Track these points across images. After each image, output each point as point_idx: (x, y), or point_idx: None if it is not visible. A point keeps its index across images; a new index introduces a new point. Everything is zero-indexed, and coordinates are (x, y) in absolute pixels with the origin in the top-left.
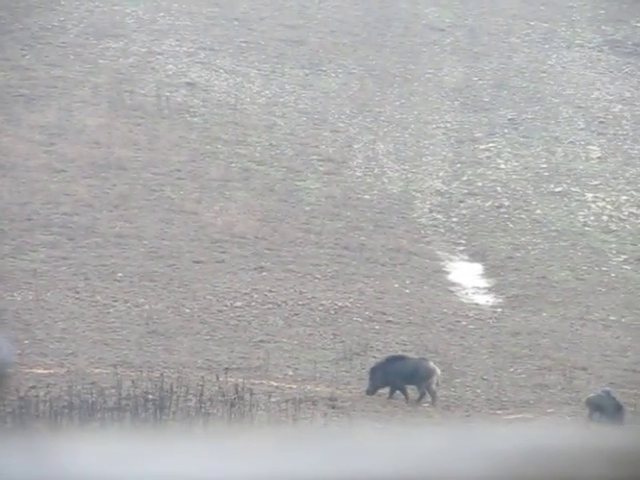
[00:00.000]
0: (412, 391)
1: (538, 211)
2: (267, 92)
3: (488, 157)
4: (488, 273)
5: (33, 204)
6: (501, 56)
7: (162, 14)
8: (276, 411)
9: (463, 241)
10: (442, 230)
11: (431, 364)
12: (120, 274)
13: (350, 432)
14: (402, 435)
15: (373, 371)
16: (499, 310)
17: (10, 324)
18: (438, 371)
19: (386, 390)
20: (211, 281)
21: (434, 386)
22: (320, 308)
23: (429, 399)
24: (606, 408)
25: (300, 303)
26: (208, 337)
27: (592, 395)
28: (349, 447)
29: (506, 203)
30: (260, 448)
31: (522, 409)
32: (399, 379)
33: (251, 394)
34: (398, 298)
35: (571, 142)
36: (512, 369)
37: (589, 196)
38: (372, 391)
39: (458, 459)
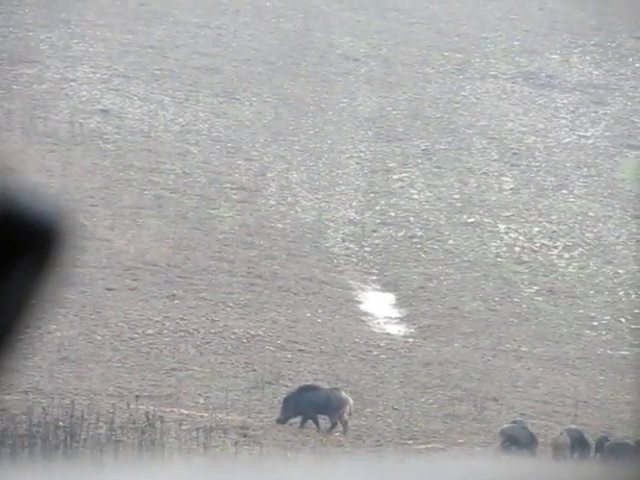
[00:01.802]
0: (323, 421)
1: (450, 241)
2: (181, 120)
3: (401, 187)
4: (400, 303)
5: None
6: (415, 86)
7: (76, 41)
8: (187, 439)
9: (375, 271)
10: (355, 260)
11: (343, 394)
12: (32, 301)
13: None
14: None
15: (286, 400)
16: (411, 340)
17: None
18: (350, 401)
19: (298, 419)
20: (123, 308)
21: (346, 416)
22: (232, 336)
23: (340, 428)
24: (520, 439)
25: (212, 331)
26: (119, 364)
27: (506, 426)
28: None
29: (419, 233)
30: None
31: (433, 439)
32: (311, 408)
33: (162, 422)
34: (310, 327)
35: (484, 173)
36: (423, 399)
37: (501, 227)
38: (284, 420)
39: None
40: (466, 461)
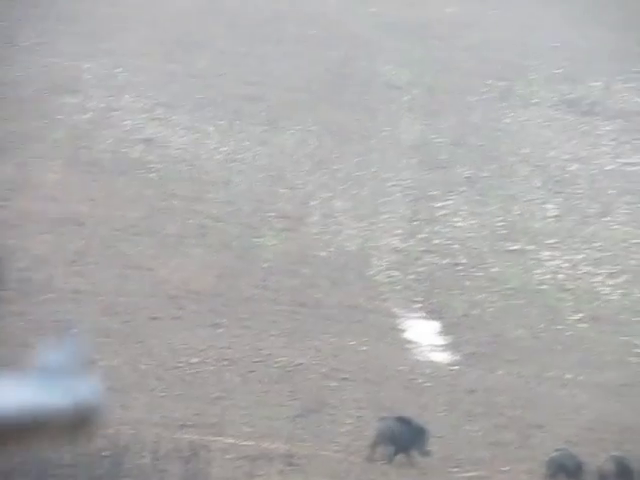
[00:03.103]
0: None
1: (494, 269)
2: (224, 149)
3: (445, 215)
4: (444, 331)
5: None
6: (458, 114)
7: (119, 70)
8: (232, 468)
9: (419, 298)
10: (399, 287)
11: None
12: (75, 330)
13: None
14: None
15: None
16: (455, 368)
17: None
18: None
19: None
20: (167, 337)
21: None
22: (276, 365)
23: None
24: (568, 467)
25: (256, 360)
26: (164, 394)
27: (555, 454)
28: None
29: (463, 261)
30: None
31: (478, 467)
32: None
33: (207, 451)
34: (354, 355)
35: (527, 200)
36: (468, 427)
37: (545, 254)
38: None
39: None
40: None
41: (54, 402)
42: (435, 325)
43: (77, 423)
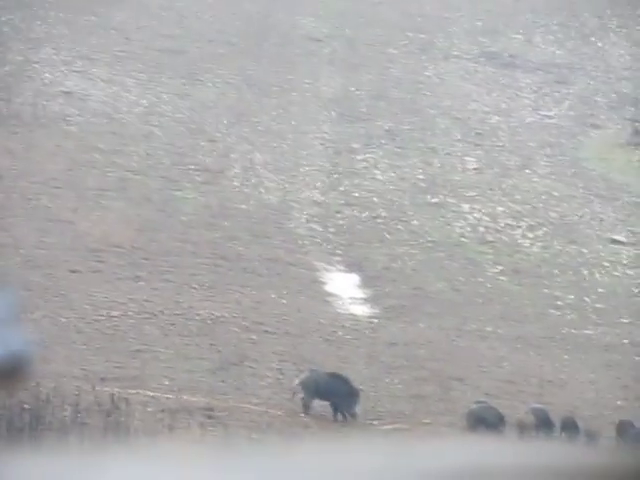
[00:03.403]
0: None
1: (415, 222)
2: (144, 102)
3: (365, 168)
4: (365, 284)
5: None
6: (378, 67)
7: (38, 22)
8: (152, 421)
9: (340, 252)
10: (319, 240)
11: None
12: (7, 283)
13: (284, 450)
14: (339, 453)
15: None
16: (375, 321)
17: None
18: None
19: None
20: (87, 290)
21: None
22: (197, 318)
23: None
24: (488, 420)
25: (177, 313)
26: (84, 347)
27: (474, 407)
28: (284, 465)
29: (383, 214)
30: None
31: (398, 420)
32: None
33: (127, 404)
34: (275, 308)
35: (448, 153)
36: (388, 380)
37: (465, 207)
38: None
39: (398, 477)
40: (432, 442)
41: None
42: (355, 278)
43: (8, 372)
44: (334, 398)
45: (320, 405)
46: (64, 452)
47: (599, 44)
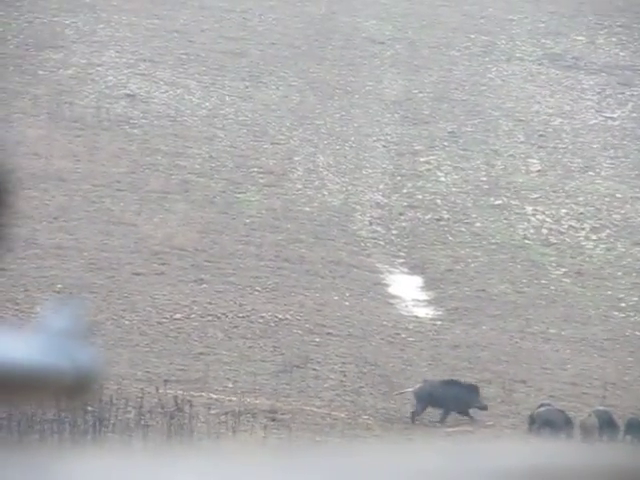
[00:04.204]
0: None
1: (478, 224)
2: (207, 104)
3: (428, 170)
4: (428, 286)
5: None
6: (441, 69)
7: (102, 25)
8: (216, 423)
9: (403, 254)
10: (382, 242)
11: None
12: (60, 285)
13: (347, 450)
14: (402, 453)
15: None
16: (439, 323)
17: None
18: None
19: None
20: (151, 293)
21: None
22: (260, 320)
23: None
24: (554, 422)
25: (240, 315)
26: (148, 349)
27: (541, 409)
28: (347, 465)
29: (446, 216)
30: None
31: (462, 422)
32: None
33: (191, 406)
34: (338, 310)
35: (511, 155)
36: None
37: (529, 209)
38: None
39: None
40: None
41: (54, 364)
42: (418, 280)
43: (75, 387)
44: (450, 404)
45: (382, 407)
46: (128, 453)
47: None
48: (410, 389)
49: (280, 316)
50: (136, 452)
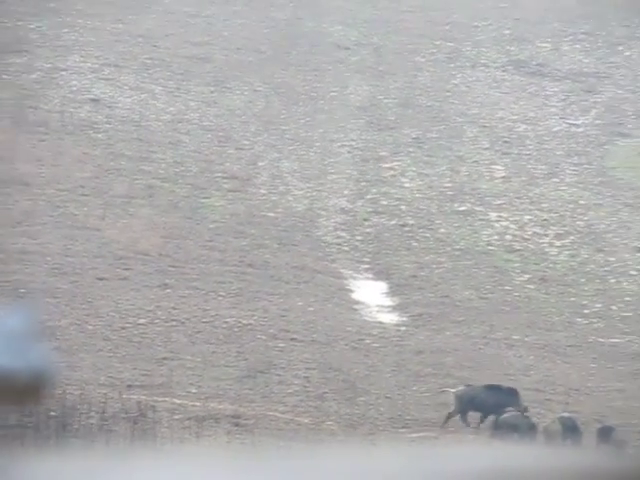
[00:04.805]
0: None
1: (442, 230)
2: (172, 109)
3: (393, 176)
4: (392, 291)
5: None
6: (406, 75)
7: (66, 30)
8: (179, 428)
9: (367, 259)
10: (346, 248)
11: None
12: (23, 290)
13: (307, 452)
14: (362, 456)
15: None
16: (403, 329)
17: None
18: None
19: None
20: (114, 298)
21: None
22: (224, 326)
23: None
24: (520, 427)
25: (204, 320)
26: (111, 354)
27: (506, 415)
28: (306, 467)
29: (410, 222)
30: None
31: (425, 428)
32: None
33: (154, 411)
34: (302, 316)
35: (475, 161)
36: (415, 388)
37: (493, 215)
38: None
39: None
40: (456, 446)
41: (8, 365)
42: (382, 286)
43: (28, 387)
44: (490, 408)
45: (345, 413)
46: (89, 457)
47: (627, 53)
48: (452, 390)
49: (244, 321)
50: (98, 455)
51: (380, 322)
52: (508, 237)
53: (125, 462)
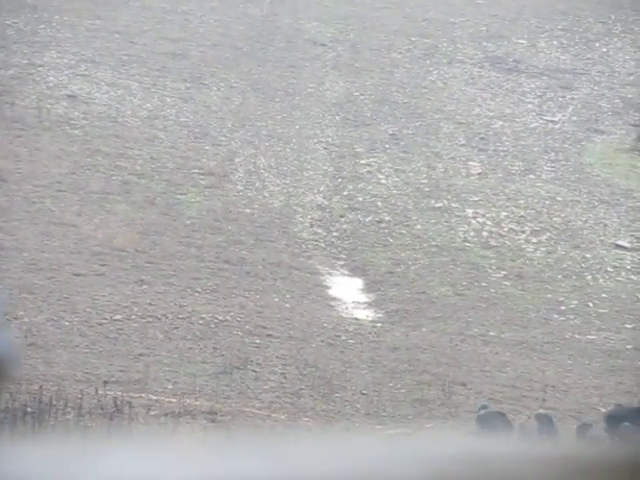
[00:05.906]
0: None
1: (418, 226)
2: (148, 105)
3: (369, 172)
4: (368, 288)
5: None
6: (382, 71)
7: (43, 26)
8: (155, 424)
9: (343, 256)
10: (323, 245)
11: None
12: None
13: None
14: (338, 442)
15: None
16: (379, 325)
17: None
18: None
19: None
20: (91, 294)
21: None
22: (200, 322)
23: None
24: (496, 425)
25: (180, 316)
26: (87, 350)
27: (483, 413)
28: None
29: (386, 218)
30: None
31: (401, 424)
32: None
33: (130, 407)
34: (278, 312)
35: (452, 158)
36: (391, 384)
37: (469, 212)
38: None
39: (397, 465)
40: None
41: None
42: (359, 282)
43: None
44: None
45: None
46: (62, 446)
47: (604, 49)
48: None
49: (220, 317)
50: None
51: (356, 318)
52: (484, 234)
53: (99, 450)
